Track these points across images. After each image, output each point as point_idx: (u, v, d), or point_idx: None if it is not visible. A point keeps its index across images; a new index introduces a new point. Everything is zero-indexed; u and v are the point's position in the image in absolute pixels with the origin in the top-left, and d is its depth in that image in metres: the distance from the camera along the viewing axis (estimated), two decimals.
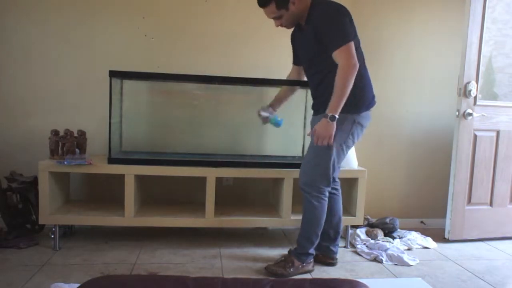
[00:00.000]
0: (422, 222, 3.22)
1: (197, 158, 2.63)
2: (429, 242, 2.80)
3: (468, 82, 2.75)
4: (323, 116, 2.05)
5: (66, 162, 2.35)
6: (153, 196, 2.82)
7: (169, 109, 2.84)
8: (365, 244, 2.68)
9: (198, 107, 2.87)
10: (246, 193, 2.95)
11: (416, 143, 3.17)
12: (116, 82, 2.57)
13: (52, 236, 2.41)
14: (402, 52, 3.09)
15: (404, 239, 2.78)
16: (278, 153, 2.84)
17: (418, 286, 2.14)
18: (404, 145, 3.16)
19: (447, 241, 2.87)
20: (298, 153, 2.86)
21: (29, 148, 2.74)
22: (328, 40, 2.06)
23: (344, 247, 2.67)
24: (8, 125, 2.74)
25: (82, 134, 2.57)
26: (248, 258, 2.42)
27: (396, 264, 2.43)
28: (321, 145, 2.07)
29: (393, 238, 2.79)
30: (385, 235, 2.82)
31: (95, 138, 2.73)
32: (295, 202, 2.58)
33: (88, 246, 2.49)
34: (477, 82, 2.77)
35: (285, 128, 2.53)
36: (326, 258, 2.37)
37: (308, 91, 2.42)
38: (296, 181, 2.57)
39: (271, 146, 2.86)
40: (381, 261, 2.45)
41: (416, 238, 2.81)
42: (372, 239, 2.74)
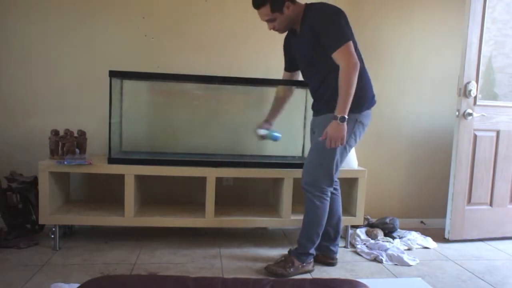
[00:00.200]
0: (422, 222, 3.22)
1: (197, 158, 2.62)
2: (429, 242, 2.80)
3: (468, 82, 2.75)
4: (332, 118, 2.05)
5: (66, 162, 2.35)
6: (153, 196, 2.82)
7: (169, 109, 2.84)
8: (365, 244, 2.68)
9: (198, 107, 2.87)
10: (246, 193, 2.95)
11: (416, 143, 3.17)
12: (116, 82, 2.57)
13: (52, 236, 2.41)
14: (402, 52, 3.09)
15: (404, 239, 2.78)
16: (278, 153, 2.84)
17: (418, 286, 2.14)
18: (404, 145, 3.16)
19: (447, 241, 2.87)
20: (298, 153, 2.86)
21: (29, 148, 2.74)
22: (326, 41, 2.06)
23: (344, 247, 2.67)
24: (8, 125, 2.74)
25: (82, 134, 2.57)
26: (248, 258, 2.42)
27: (396, 264, 2.43)
28: (334, 147, 2.07)
29: (393, 238, 2.79)
30: (385, 235, 2.82)
31: (95, 138, 2.73)
32: (295, 202, 2.58)
33: (88, 246, 2.49)
34: (477, 82, 2.77)
35: (285, 128, 2.54)
36: (326, 258, 2.37)
37: (308, 91, 2.42)
38: (296, 181, 2.57)
39: (271, 146, 2.86)
40: (381, 261, 2.45)
41: (416, 238, 2.81)
42: (372, 239, 2.74)
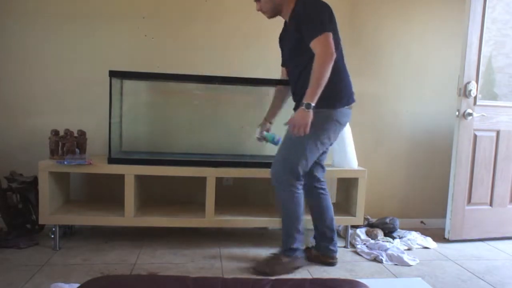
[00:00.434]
0: (422, 222, 3.22)
1: (197, 158, 2.62)
2: (429, 242, 2.80)
3: (468, 82, 2.75)
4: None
5: (66, 162, 2.35)
6: (153, 196, 2.82)
7: (169, 109, 2.84)
8: (365, 244, 2.68)
9: (198, 107, 2.87)
10: (246, 193, 2.95)
11: (416, 143, 3.17)
12: (116, 82, 2.57)
13: (52, 236, 2.41)
14: (402, 52, 3.09)
15: (404, 239, 2.78)
16: None
17: (418, 286, 2.14)
18: (404, 145, 3.16)
19: (447, 241, 2.87)
20: None
21: (29, 148, 2.74)
22: (306, 29, 2.06)
23: (344, 247, 2.67)
24: (8, 125, 2.74)
25: (82, 134, 2.57)
26: (248, 258, 2.42)
27: (396, 264, 2.43)
28: (297, 134, 2.05)
29: (393, 238, 2.79)
30: (385, 235, 2.82)
31: (95, 138, 2.73)
32: None
33: (88, 246, 2.49)
34: (477, 82, 2.77)
35: (285, 128, 2.53)
36: (326, 258, 2.37)
37: None
38: None
39: (271, 146, 2.85)
40: (381, 261, 2.45)
41: (416, 238, 2.81)
42: (372, 239, 2.74)
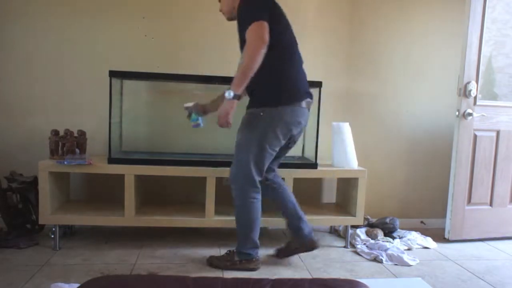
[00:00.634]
0: (422, 222, 3.22)
1: (197, 158, 2.62)
2: (429, 242, 2.80)
3: (468, 82, 2.75)
4: (250, 113, 2.05)
5: (66, 162, 2.35)
6: (153, 196, 2.82)
7: (169, 109, 2.84)
8: (365, 244, 2.68)
9: None
10: None
11: (416, 143, 3.17)
12: (116, 82, 2.57)
13: (52, 236, 2.41)
14: (402, 52, 3.09)
15: (404, 239, 2.78)
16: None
17: (418, 286, 2.14)
18: (404, 145, 3.16)
19: (447, 241, 2.87)
20: (298, 153, 2.86)
21: (29, 148, 2.74)
22: (241, 24, 2.04)
23: (344, 247, 2.68)
24: (8, 125, 2.74)
25: (82, 134, 2.57)
26: None
27: (396, 264, 2.43)
28: (221, 126, 2.02)
29: (393, 238, 2.79)
30: (385, 235, 2.82)
31: (95, 138, 2.73)
32: None
33: (88, 246, 2.49)
34: (477, 82, 2.77)
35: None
36: (308, 245, 2.29)
37: None
38: (296, 180, 2.58)
39: None
40: (381, 261, 2.45)
41: (416, 238, 2.81)
42: (372, 239, 2.74)
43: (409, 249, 2.68)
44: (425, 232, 2.99)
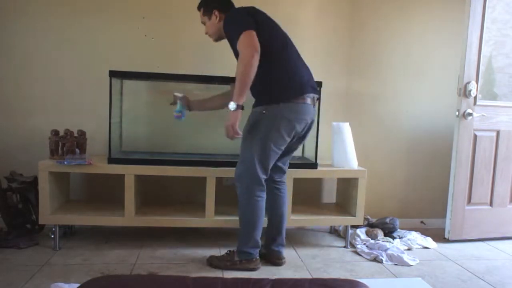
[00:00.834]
0: (422, 222, 3.22)
1: (197, 158, 2.62)
2: (429, 242, 2.80)
3: (468, 82, 2.75)
4: (255, 112, 2.09)
5: (66, 162, 2.35)
6: (153, 196, 2.82)
7: (169, 109, 2.83)
8: (365, 244, 2.68)
9: None
10: None
11: (416, 143, 3.17)
12: (116, 82, 2.57)
13: (52, 236, 2.41)
14: (402, 52, 3.09)
15: (404, 239, 2.78)
16: None
17: (418, 286, 2.14)
18: (404, 145, 3.16)
19: (447, 241, 2.87)
20: (298, 153, 2.85)
21: (29, 148, 2.74)
22: (232, 41, 2.10)
23: (344, 247, 2.68)
24: (8, 125, 2.74)
25: (82, 134, 2.57)
26: None
27: (396, 264, 2.43)
28: (230, 138, 2.07)
29: (393, 238, 2.79)
30: (385, 235, 2.82)
31: (95, 138, 2.73)
32: (295, 202, 2.59)
33: (88, 246, 2.49)
34: (477, 82, 2.77)
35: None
36: (271, 257, 2.33)
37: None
38: (296, 180, 2.58)
39: None
40: (381, 261, 2.45)
41: (416, 238, 2.81)
42: (372, 239, 2.74)
43: (409, 249, 2.68)
44: (425, 232, 2.99)
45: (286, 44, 2.16)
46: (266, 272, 2.22)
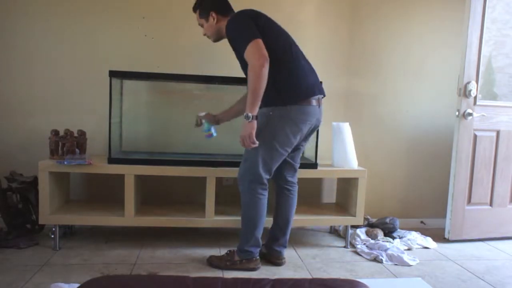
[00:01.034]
0: (422, 222, 3.22)
1: (197, 158, 2.62)
2: (429, 242, 2.80)
3: (468, 82, 2.75)
4: (261, 113, 2.08)
5: (66, 162, 2.35)
6: (153, 196, 2.82)
7: (169, 109, 2.84)
8: (365, 244, 2.68)
9: (198, 107, 2.86)
10: None
11: (416, 143, 3.17)
12: (116, 82, 2.57)
13: (52, 236, 2.41)
14: (402, 52, 3.09)
15: (404, 239, 2.78)
16: None
17: (418, 286, 2.14)
18: (404, 145, 3.16)
19: (447, 241, 2.87)
20: None
21: (29, 148, 2.74)
22: (237, 47, 2.11)
23: (344, 247, 2.68)
24: (8, 125, 2.75)
25: (82, 134, 2.57)
26: None
27: (396, 264, 2.43)
28: (248, 147, 2.06)
29: (393, 238, 2.79)
30: (385, 235, 2.82)
31: (95, 138, 2.73)
32: (297, 203, 2.58)
33: (88, 246, 2.49)
34: (477, 82, 2.77)
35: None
36: (271, 257, 2.34)
37: None
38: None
39: None
40: (381, 261, 2.45)
41: (416, 238, 2.81)
42: (372, 239, 2.74)
43: (409, 249, 2.68)
44: (425, 232, 2.99)
45: (290, 45, 2.16)
46: (266, 272, 2.22)
